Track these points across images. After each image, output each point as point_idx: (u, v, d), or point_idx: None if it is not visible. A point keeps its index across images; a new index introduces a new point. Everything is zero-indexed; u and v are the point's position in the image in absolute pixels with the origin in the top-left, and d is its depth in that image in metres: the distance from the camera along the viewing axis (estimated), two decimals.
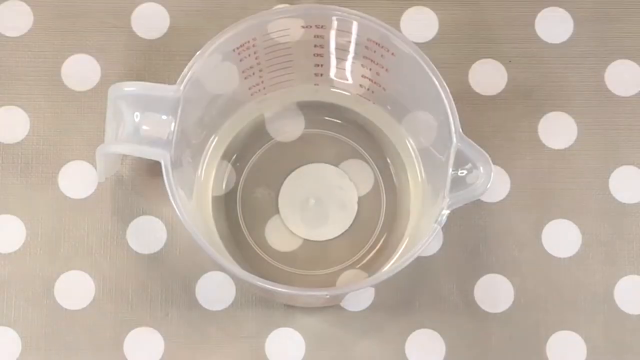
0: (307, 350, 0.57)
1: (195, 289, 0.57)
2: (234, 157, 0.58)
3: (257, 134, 0.59)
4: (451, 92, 0.49)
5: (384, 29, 0.50)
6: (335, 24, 0.52)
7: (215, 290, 0.57)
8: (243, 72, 0.54)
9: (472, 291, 0.57)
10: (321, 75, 0.56)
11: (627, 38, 0.61)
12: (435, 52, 0.60)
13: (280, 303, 0.57)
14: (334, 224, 0.58)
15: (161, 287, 0.57)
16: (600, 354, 0.57)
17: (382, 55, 0.52)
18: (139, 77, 0.59)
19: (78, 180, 0.59)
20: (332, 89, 0.58)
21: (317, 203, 0.58)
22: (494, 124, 0.60)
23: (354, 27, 0.51)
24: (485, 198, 0.58)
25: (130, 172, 0.59)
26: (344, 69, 0.56)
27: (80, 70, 0.60)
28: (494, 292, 0.57)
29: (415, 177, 0.57)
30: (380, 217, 0.58)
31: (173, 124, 0.50)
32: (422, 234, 0.49)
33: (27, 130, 0.59)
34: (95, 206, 0.58)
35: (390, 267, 0.48)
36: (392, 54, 0.51)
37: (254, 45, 0.52)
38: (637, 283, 0.58)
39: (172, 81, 0.50)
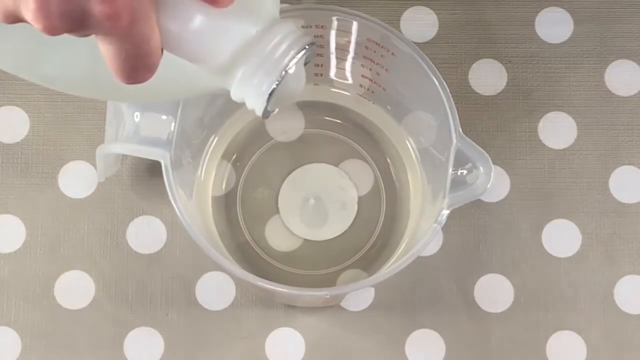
0: (307, 350, 0.57)
1: (195, 289, 0.57)
2: (234, 157, 0.58)
3: (257, 134, 0.59)
4: (451, 92, 0.49)
5: (384, 29, 0.50)
6: (335, 24, 0.52)
7: (215, 290, 0.57)
8: None
9: (472, 291, 0.57)
10: (321, 75, 0.56)
11: (627, 38, 0.61)
12: (435, 52, 0.60)
13: (280, 303, 0.57)
14: (334, 224, 0.58)
15: (161, 287, 0.57)
16: (600, 354, 0.57)
17: (382, 55, 0.52)
18: None
19: (78, 180, 0.59)
20: (332, 89, 0.58)
21: (317, 203, 0.58)
22: (494, 124, 0.60)
23: (354, 27, 0.51)
24: (485, 198, 0.58)
25: (130, 172, 0.59)
26: (344, 69, 0.56)
27: None
28: (494, 292, 0.57)
29: (415, 177, 0.57)
30: (380, 217, 0.58)
31: (173, 124, 0.50)
32: (422, 234, 0.49)
33: (27, 130, 0.59)
34: (95, 206, 0.58)
35: (390, 267, 0.48)
36: (392, 54, 0.51)
37: None
38: (637, 283, 0.58)
39: None
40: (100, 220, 0.58)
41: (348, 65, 0.55)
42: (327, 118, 0.59)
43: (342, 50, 0.54)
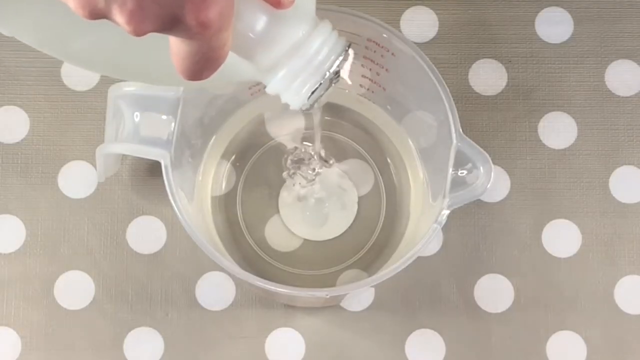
0: (307, 350, 0.57)
1: (195, 289, 0.57)
2: (234, 157, 0.58)
3: (257, 134, 0.59)
4: (451, 92, 0.49)
5: (384, 29, 0.50)
6: (335, 24, 0.51)
7: (215, 290, 0.57)
8: None
9: (472, 291, 0.57)
10: None
11: (627, 38, 0.61)
12: (435, 52, 0.60)
13: (280, 303, 0.57)
14: (334, 224, 0.58)
15: (161, 287, 0.57)
16: (600, 354, 0.57)
17: (382, 55, 0.52)
18: None
19: (78, 180, 0.59)
20: (332, 89, 0.57)
21: (317, 203, 0.58)
22: (494, 124, 0.60)
23: (354, 27, 0.51)
24: (485, 198, 0.58)
25: (130, 172, 0.59)
26: (344, 69, 0.56)
27: (80, 70, 0.60)
28: (494, 292, 0.57)
29: (415, 177, 0.57)
30: (380, 217, 0.58)
31: (173, 124, 0.50)
32: (422, 234, 0.49)
33: (27, 130, 0.59)
34: (95, 206, 0.58)
35: (390, 267, 0.48)
36: (392, 54, 0.51)
37: None
38: (637, 283, 0.58)
39: None
40: (100, 220, 0.58)
41: (348, 65, 0.55)
42: (327, 118, 0.59)
43: None
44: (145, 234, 0.58)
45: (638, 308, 0.57)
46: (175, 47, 0.33)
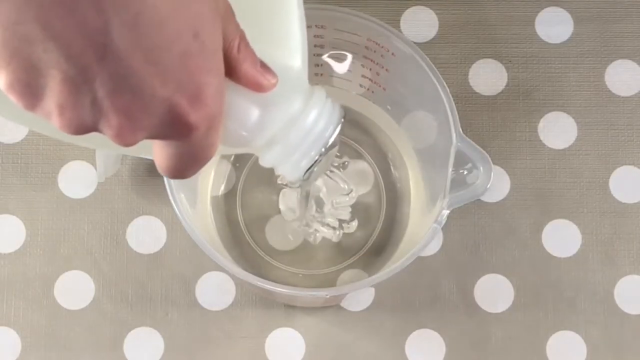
0: (307, 350, 0.57)
1: (195, 289, 0.57)
2: (234, 157, 0.58)
3: None
4: (451, 92, 0.49)
5: (384, 29, 0.50)
6: (335, 24, 0.52)
7: (215, 290, 0.57)
8: None
9: (472, 291, 0.57)
10: (321, 75, 0.56)
11: (627, 38, 0.61)
12: (435, 52, 0.60)
13: (280, 303, 0.57)
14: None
15: (161, 287, 0.57)
16: (600, 354, 0.57)
17: (382, 55, 0.52)
18: None
19: (78, 180, 0.59)
20: (332, 89, 0.58)
21: (318, 203, 0.58)
22: (494, 124, 0.60)
23: (354, 27, 0.51)
24: (485, 198, 0.58)
25: (130, 172, 0.59)
26: (344, 69, 0.56)
27: None
28: (494, 292, 0.57)
29: (415, 177, 0.57)
30: (380, 217, 0.58)
31: None
32: (422, 234, 0.49)
33: (27, 130, 0.59)
34: (95, 206, 0.58)
35: (390, 267, 0.48)
36: (392, 54, 0.51)
37: None
38: (637, 283, 0.58)
39: None
40: (100, 220, 0.58)
41: (348, 65, 0.55)
42: None
43: (342, 50, 0.54)
44: (145, 234, 0.58)
45: (638, 308, 0.57)
46: (158, 147, 0.31)
